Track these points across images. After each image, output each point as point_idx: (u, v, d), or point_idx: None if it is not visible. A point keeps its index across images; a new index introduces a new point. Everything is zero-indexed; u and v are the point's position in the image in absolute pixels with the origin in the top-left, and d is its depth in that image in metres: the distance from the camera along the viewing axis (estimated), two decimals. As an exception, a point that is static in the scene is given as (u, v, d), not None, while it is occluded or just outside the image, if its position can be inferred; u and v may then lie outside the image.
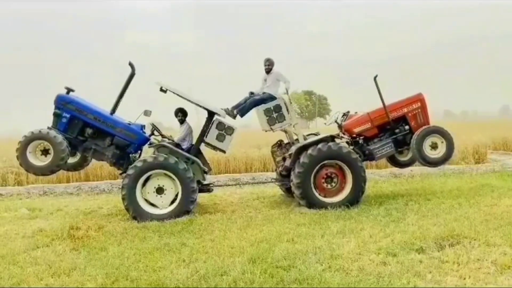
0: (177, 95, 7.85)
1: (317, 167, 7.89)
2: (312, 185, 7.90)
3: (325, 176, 8.01)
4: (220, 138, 8.12)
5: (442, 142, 8.49)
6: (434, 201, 8.07)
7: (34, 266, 5.12)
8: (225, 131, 8.11)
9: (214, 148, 8.30)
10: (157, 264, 5.02)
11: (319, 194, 7.97)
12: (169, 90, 7.78)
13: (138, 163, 7.54)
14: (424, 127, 8.48)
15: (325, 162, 7.92)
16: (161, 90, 7.76)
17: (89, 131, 7.94)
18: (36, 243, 6.18)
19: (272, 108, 8.25)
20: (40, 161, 7.57)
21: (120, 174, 8.53)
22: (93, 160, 13.35)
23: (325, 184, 8.03)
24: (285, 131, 8.79)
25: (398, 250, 5.10)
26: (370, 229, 6.16)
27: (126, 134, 7.93)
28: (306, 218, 7.10)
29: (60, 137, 7.45)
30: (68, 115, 7.81)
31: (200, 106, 8.10)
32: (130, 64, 7.78)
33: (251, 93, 8.60)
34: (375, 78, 8.62)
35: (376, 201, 8.25)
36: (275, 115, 8.25)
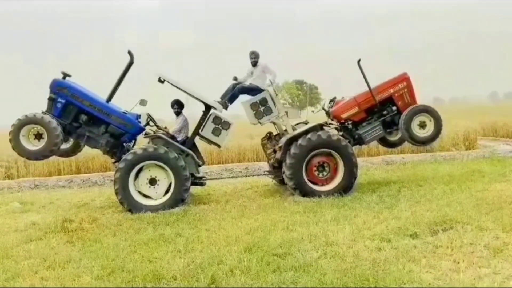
0: (175, 86, 7.78)
1: (308, 157, 7.89)
2: (304, 175, 7.90)
3: (316, 165, 8.02)
4: (216, 132, 8.07)
5: (430, 120, 8.52)
6: (426, 187, 8.14)
7: (28, 260, 5.09)
8: (222, 125, 8.07)
9: (209, 142, 8.25)
10: (153, 255, 5.00)
11: (312, 183, 7.99)
12: (167, 81, 7.70)
13: (128, 156, 7.48)
14: (411, 107, 8.49)
15: (316, 151, 7.92)
16: (159, 80, 7.68)
17: (83, 117, 7.80)
18: (30, 236, 6.13)
19: (258, 101, 8.20)
20: (33, 146, 7.41)
21: (113, 163, 8.46)
22: (85, 153, 13.29)
23: (317, 173, 8.04)
24: (274, 123, 8.78)
25: (392, 236, 5.15)
26: (364, 216, 6.20)
27: (121, 123, 7.82)
28: (300, 206, 7.12)
29: (54, 122, 7.30)
30: (63, 101, 7.66)
31: (197, 99, 8.04)
32: (129, 53, 7.65)
33: (235, 78, 8.61)
34: (358, 61, 8.56)
35: (369, 188, 8.30)
36: (262, 109, 8.21)
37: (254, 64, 8.49)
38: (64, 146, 8.13)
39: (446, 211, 6.01)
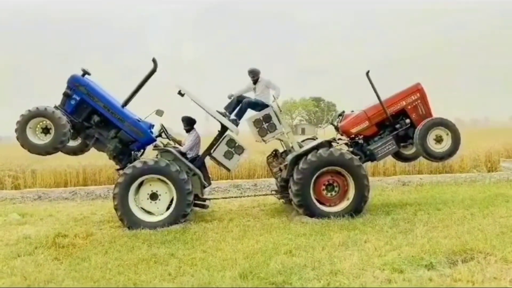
0: (194, 101, 7.48)
1: (314, 176, 7.40)
2: (312, 195, 7.41)
3: (325, 184, 7.53)
4: (228, 155, 7.72)
5: (447, 134, 7.94)
6: (445, 211, 7.57)
7: (9, 277, 4.77)
8: (235, 149, 7.72)
9: (219, 164, 7.87)
10: (140, 278, 4.60)
11: (320, 203, 7.49)
12: (187, 95, 7.41)
13: (128, 170, 7.14)
14: (426, 120, 7.92)
15: (322, 170, 7.42)
16: (179, 93, 7.39)
17: (96, 118, 7.53)
18: (18, 251, 5.83)
19: (261, 118, 7.76)
20: (38, 139, 7.09)
21: (117, 170, 8.14)
22: (93, 165, 13.08)
23: (325, 193, 7.55)
24: (280, 140, 8.35)
25: (405, 266, 4.63)
26: (375, 241, 5.69)
27: (132, 130, 7.51)
28: (306, 228, 6.64)
29: (64, 119, 7.00)
30: (78, 98, 7.41)
31: (215, 118, 7.71)
32: (153, 60, 7.38)
33: (230, 96, 8.13)
34: (367, 73, 8.05)
35: (382, 210, 7.77)
36: (265, 126, 7.76)
37: (255, 82, 8.06)
38: (72, 143, 7.83)
39: (467, 239, 5.46)
